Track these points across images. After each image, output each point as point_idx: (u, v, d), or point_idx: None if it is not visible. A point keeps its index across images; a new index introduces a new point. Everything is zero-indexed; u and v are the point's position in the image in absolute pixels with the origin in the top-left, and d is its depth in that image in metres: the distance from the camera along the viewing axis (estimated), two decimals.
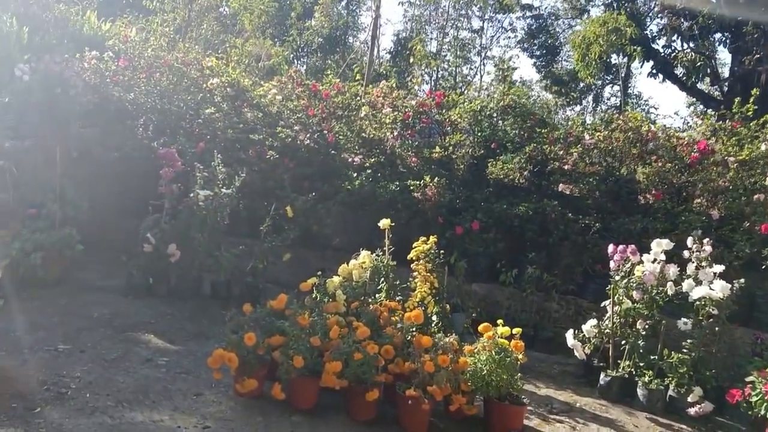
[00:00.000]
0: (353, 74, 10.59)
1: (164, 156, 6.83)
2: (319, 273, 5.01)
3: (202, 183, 6.80)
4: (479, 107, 8.15)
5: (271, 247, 6.86)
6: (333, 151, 8.01)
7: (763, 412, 4.68)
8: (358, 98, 8.74)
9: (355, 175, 7.53)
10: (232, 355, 4.05)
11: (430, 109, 8.42)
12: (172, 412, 3.89)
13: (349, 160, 7.94)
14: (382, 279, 5.27)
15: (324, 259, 7.07)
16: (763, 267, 6.15)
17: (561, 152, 7.54)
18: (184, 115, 8.57)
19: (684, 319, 5.35)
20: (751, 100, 7.80)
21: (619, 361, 5.54)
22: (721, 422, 5.25)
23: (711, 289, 5.13)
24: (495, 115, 8.05)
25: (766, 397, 4.66)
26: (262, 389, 4.24)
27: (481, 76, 21.14)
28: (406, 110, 8.27)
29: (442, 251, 5.53)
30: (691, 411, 5.04)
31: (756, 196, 6.60)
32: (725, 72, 20.22)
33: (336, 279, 5.05)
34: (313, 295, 4.92)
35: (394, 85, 9.26)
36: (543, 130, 8.02)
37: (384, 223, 5.39)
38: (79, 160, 7.54)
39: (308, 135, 8.08)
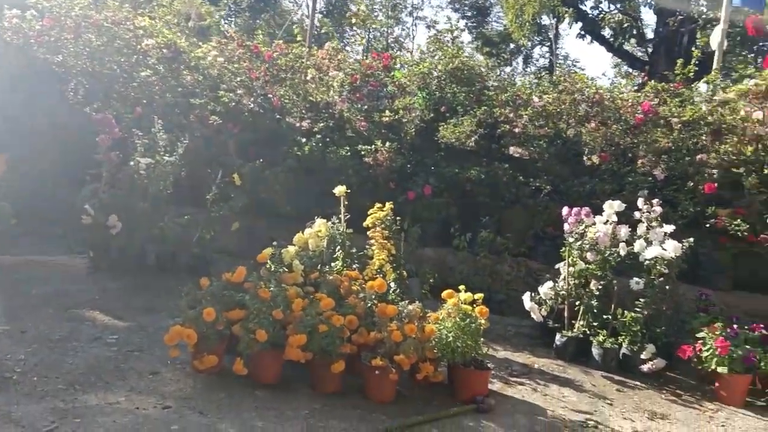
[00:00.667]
0: (294, 35, 10.23)
1: (100, 122, 6.47)
2: (274, 243, 4.84)
3: (142, 150, 6.49)
4: (427, 70, 8.01)
5: (219, 216, 6.65)
6: (279, 116, 7.76)
7: (713, 367, 4.85)
8: (303, 60, 8.47)
9: (303, 140, 7.33)
10: (190, 331, 3.88)
11: (378, 71, 8.24)
12: (128, 393, 3.70)
13: (297, 124, 7.72)
14: (338, 247, 5.15)
15: (274, 228, 6.88)
16: (707, 226, 6.32)
17: (511, 115, 7.52)
18: (117, 78, 8.14)
19: (636, 279, 5.45)
20: (693, 61, 7.92)
21: (573, 322, 5.63)
22: (672, 377, 5.42)
23: (663, 248, 5.24)
24: (444, 77, 7.92)
25: (716, 352, 4.82)
26: (222, 365, 4.09)
27: (413, 38, 21.00)
28: (354, 73, 8.07)
29: (397, 217, 5.46)
30: (645, 368, 5.19)
31: (699, 156, 6.74)
32: (650, 33, 20.67)
33: (292, 249, 4.89)
34: (268, 266, 4.76)
35: (338, 47, 9.02)
36: (491, 93, 7.97)
37: (339, 190, 5.25)
38: (5, 127, 7.07)
39: (252, 99, 7.81)
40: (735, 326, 5.13)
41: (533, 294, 5.74)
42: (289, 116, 7.90)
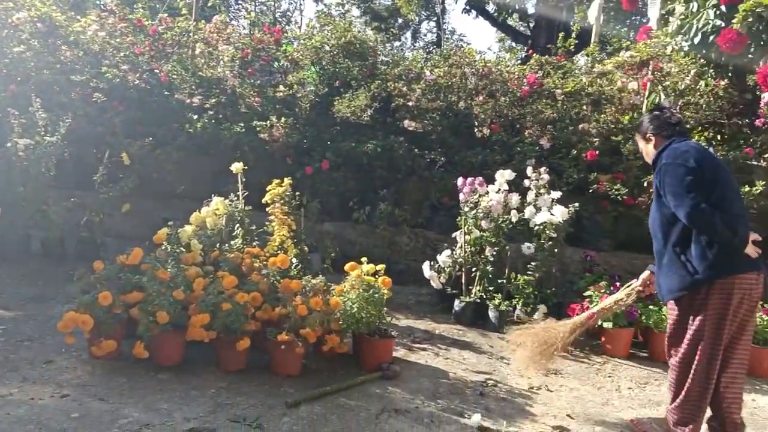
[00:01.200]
0: (178, 8, 9.83)
1: None
2: (170, 223, 4.71)
3: (20, 131, 6.12)
4: (320, 44, 7.96)
5: (108, 198, 6.38)
6: (168, 92, 7.48)
7: (600, 323, 5.18)
8: (190, 34, 8.19)
9: (195, 117, 7.11)
10: (85, 317, 3.73)
11: (269, 45, 8.10)
12: (21, 384, 3.53)
13: (187, 101, 7.47)
14: (238, 225, 5.08)
15: (168, 209, 6.68)
16: (590, 191, 6.69)
17: (404, 89, 7.62)
18: None
19: (527, 244, 5.73)
20: (573, 35, 8.31)
21: (471, 288, 5.85)
22: None
23: (551, 214, 5.52)
24: (336, 52, 7.89)
25: None
26: (121, 350, 3.96)
27: (301, 11, 20.68)
28: (244, 48, 7.89)
29: (296, 193, 5.44)
30: None
31: (581, 126, 7.12)
32: (531, 8, 21.39)
33: (189, 228, 4.78)
34: (164, 247, 4.63)
35: (227, 20, 8.78)
36: (384, 67, 8.04)
37: (236, 167, 5.16)
38: None
39: (138, 75, 7.48)
40: (618, 284, 5.49)
41: (432, 263, 5.91)
42: (179, 92, 7.63)
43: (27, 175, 6.08)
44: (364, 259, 4.60)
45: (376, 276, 4.49)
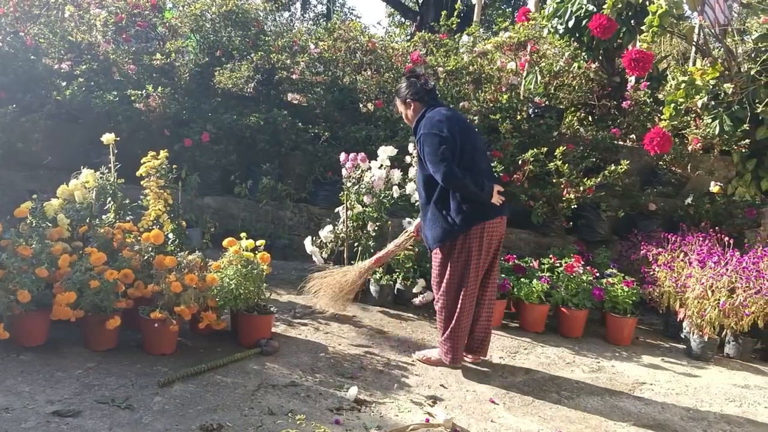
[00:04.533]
0: None
1: None
2: (34, 196, 4.44)
3: None
4: (200, 12, 7.69)
5: None
6: (33, 57, 6.99)
7: None
8: None
9: (64, 84, 6.69)
10: None
11: (145, 10, 7.73)
12: None
13: (56, 66, 7.02)
14: (110, 199, 4.86)
15: (35, 180, 6.30)
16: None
17: (288, 62, 7.52)
18: None
19: (408, 219, 5.85)
20: (456, 13, 8.48)
21: (353, 262, 5.90)
22: None
23: None
24: (218, 20, 7.65)
25: None
26: None
27: None
28: (119, 12, 7.50)
29: (174, 166, 5.26)
30: (416, 300, 5.62)
31: (462, 104, 7.30)
32: None
33: (55, 201, 4.52)
34: (28, 221, 4.37)
35: None
36: (268, 38, 7.89)
37: (108, 137, 4.91)
38: None
39: (1, 37, 6.94)
40: None
41: (314, 238, 5.91)
42: (47, 57, 7.16)
43: None
44: (243, 234, 4.55)
45: (256, 251, 4.45)
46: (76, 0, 7.65)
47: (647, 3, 7.02)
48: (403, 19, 23.71)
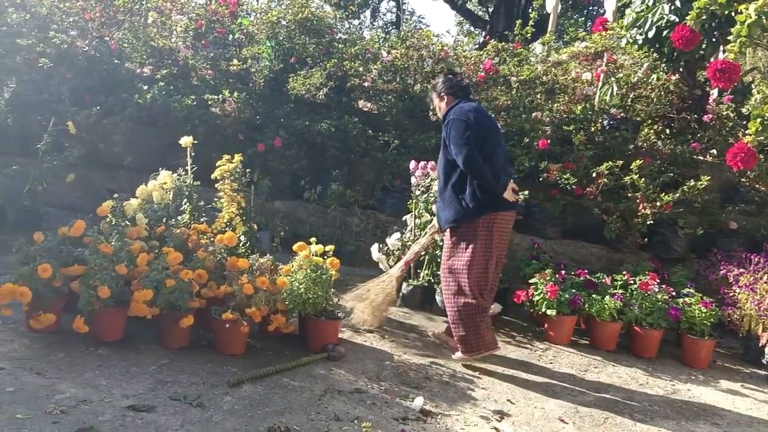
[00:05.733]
0: None
1: None
2: (115, 195, 4.60)
3: None
4: (276, 19, 7.83)
5: (52, 167, 6.17)
6: (117, 61, 7.27)
7: (544, 309, 5.28)
8: (143, 2, 7.97)
9: (145, 87, 6.93)
10: (23, 289, 3.62)
11: (224, 17, 7.93)
12: None
13: (138, 71, 7.28)
14: (185, 200, 4.99)
15: (114, 180, 6.54)
16: (540, 179, 6.78)
17: (360, 69, 7.57)
18: None
19: None
20: (530, 23, 8.37)
21: (419, 271, 5.88)
22: (506, 320, 5.85)
23: None
24: (293, 27, 7.78)
25: (546, 296, 5.25)
26: (61, 323, 3.87)
27: None
28: (199, 18, 7.72)
29: (247, 170, 5.36)
30: None
31: (534, 114, 7.19)
32: None
33: (135, 201, 4.67)
34: (109, 219, 4.52)
35: None
36: (341, 46, 7.97)
37: (186, 141, 5.05)
38: None
39: (87, 41, 7.24)
40: (563, 272, 5.60)
41: (381, 245, 5.92)
42: (129, 61, 7.44)
43: None
44: (312, 239, 4.58)
45: (325, 257, 4.47)
46: (159, 6, 7.91)
47: (733, 13, 6.74)
48: (471, 28, 23.62)
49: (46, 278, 3.70)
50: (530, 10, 8.86)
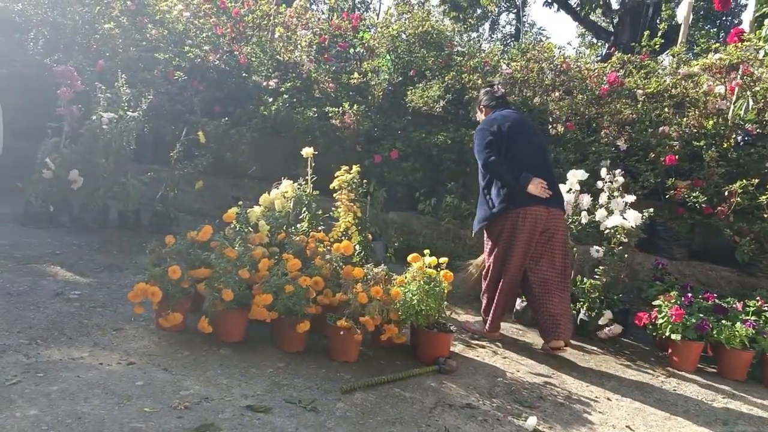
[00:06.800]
0: None
1: (62, 74, 6.29)
2: (240, 203, 4.82)
3: (105, 105, 6.35)
4: (396, 33, 7.95)
5: (182, 175, 6.57)
6: (245, 74, 7.64)
7: (668, 333, 5.01)
8: (270, 18, 8.32)
9: (270, 99, 7.24)
10: (155, 288, 3.86)
11: (346, 32, 8.15)
12: (91, 349, 3.68)
13: (264, 83, 7.61)
14: (305, 209, 5.14)
15: (239, 188, 6.85)
16: (666, 197, 6.47)
17: (479, 81, 7.53)
18: (79, 29, 7.89)
19: (596, 247, 5.57)
20: (659, 34, 8.02)
21: None
22: (626, 343, 5.60)
23: (624, 218, 5.35)
24: (412, 41, 7.87)
25: (671, 320, 4.98)
26: (186, 323, 4.09)
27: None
28: (322, 33, 7.97)
29: (364, 180, 5.46)
30: (601, 333, 5.34)
31: (661, 129, 6.87)
32: (616, 4, 20.80)
33: (258, 209, 4.89)
34: (233, 225, 4.74)
35: (307, 5, 8.89)
36: (460, 59, 7.97)
37: (307, 151, 5.22)
38: None
39: (218, 56, 7.67)
40: (689, 295, 5.29)
41: None
42: (256, 75, 7.79)
43: (109, 147, 6.30)
44: (426, 251, 4.59)
45: (438, 269, 4.47)
46: (286, 22, 8.24)
47: None
48: (594, 40, 22.97)
49: (175, 279, 3.92)
50: (658, 21, 8.45)
